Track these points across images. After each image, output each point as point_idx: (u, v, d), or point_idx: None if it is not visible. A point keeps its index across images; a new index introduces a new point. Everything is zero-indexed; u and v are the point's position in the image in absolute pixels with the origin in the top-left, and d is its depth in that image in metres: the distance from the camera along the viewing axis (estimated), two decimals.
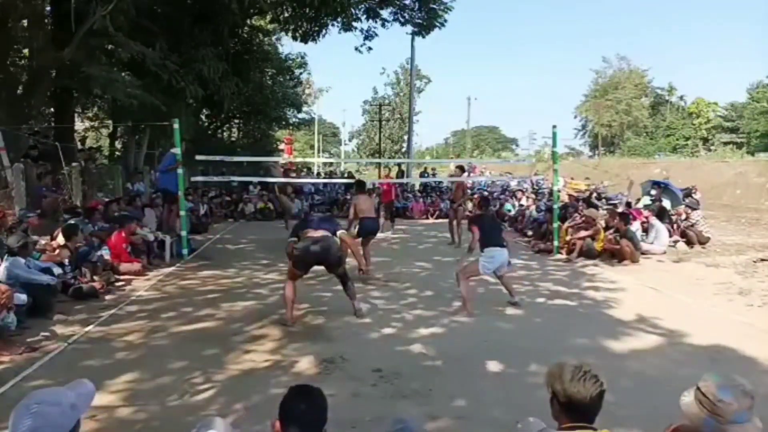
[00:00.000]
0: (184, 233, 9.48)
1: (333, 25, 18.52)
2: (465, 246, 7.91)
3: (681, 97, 50.80)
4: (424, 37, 19.79)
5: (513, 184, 19.28)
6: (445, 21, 18.85)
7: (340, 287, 7.03)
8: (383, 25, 18.86)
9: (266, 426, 1.89)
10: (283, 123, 31.01)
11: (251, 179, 17.28)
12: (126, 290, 7.06)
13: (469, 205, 17.87)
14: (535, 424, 2.11)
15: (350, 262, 8.33)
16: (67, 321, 5.55)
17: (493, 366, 4.34)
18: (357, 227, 8.14)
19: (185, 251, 9.43)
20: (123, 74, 13.74)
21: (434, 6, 18.36)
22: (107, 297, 6.63)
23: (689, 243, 10.35)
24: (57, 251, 6.72)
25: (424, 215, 17.82)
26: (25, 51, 13.99)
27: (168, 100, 13.67)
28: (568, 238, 9.92)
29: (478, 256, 6.14)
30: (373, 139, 47.18)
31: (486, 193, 7.31)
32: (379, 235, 13.07)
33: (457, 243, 11.11)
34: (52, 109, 14.81)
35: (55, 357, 4.52)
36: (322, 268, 5.91)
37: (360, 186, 8.91)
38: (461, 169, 13.67)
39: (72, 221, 7.60)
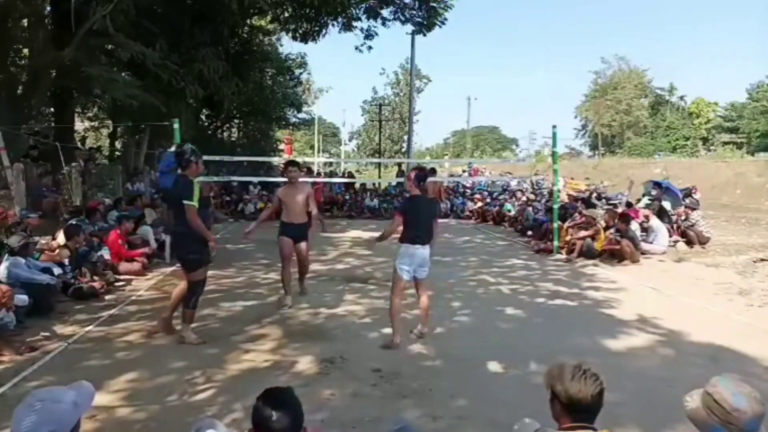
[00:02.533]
0: None
1: (333, 25, 18.53)
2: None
3: (681, 97, 50.87)
4: (425, 35, 19.79)
5: (513, 184, 19.28)
6: (446, 19, 18.88)
7: (340, 287, 7.06)
8: (384, 24, 18.89)
9: None
10: (283, 123, 31.03)
11: (251, 179, 17.28)
12: (126, 290, 7.06)
13: (470, 204, 17.99)
14: (531, 425, 2.11)
15: (356, 267, 8.35)
16: (67, 321, 5.55)
17: (493, 366, 4.34)
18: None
19: None
20: (123, 74, 13.74)
21: (434, 4, 18.38)
22: (107, 297, 6.62)
23: (689, 243, 10.35)
24: (57, 251, 6.72)
25: None
26: (25, 51, 13.99)
27: (168, 100, 13.67)
28: (568, 238, 9.93)
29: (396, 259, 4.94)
30: (373, 139, 47.18)
31: (427, 168, 7.17)
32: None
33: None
34: (52, 109, 14.81)
35: (55, 357, 4.52)
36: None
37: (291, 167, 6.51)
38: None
39: (73, 221, 7.60)
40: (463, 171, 25.90)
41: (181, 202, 4.75)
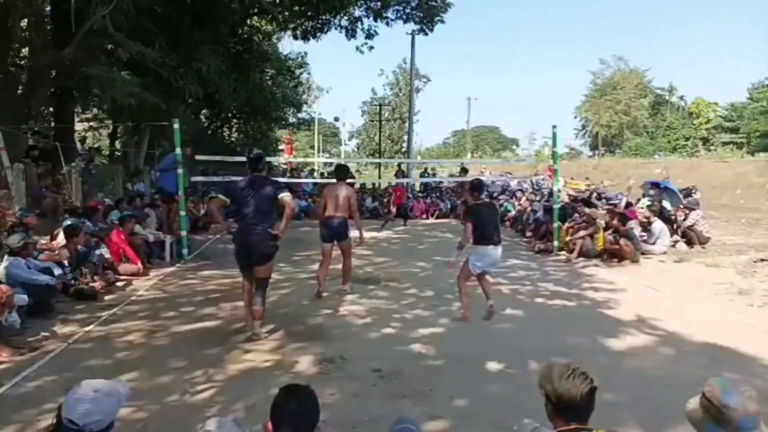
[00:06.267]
0: (184, 233, 9.49)
1: (336, 28, 18.61)
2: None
3: (681, 97, 50.88)
4: (427, 34, 19.82)
5: (513, 184, 19.27)
6: (446, 10, 18.89)
7: (341, 287, 7.06)
8: (387, 24, 18.90)
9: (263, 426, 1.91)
10: (283, 123, 31.02)
11: None
12: (126, 290, 7.06)
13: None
14: (529, 425, 2.12)
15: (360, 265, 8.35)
16: (67, 321, 5.56)
17: (493, 366, 4.34)
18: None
19: (185, 251, 9.44)
20: (123, 73, 13.72)
21: (434, 2, 18.41)
22: (107, 297, 6.63)
23: (689, 243, 10.34)
24: (57, 251, 6.72)
25: (424, 215, 17.83)
26: (25, 51, 13.99)
27: (167, 99, 13.65)
28: (568, 238, 9.93)
29: (468, 254, 5.67)
30: (373, 139, 47.17)
31: (481, 179, 6.74)
32: (384, 234, 13.19)
33: None
34: (51, 109, 14.80)
35: (55, 357, 4.53)
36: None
37: (336, 174, 7.38)
38: (465, 170, 14.30)
39: (72, 221, 7.59)
40: (462, 170, 25.81)
41: (271, 200, 4.95)
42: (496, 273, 8.28)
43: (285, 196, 4.98)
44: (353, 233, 6.87)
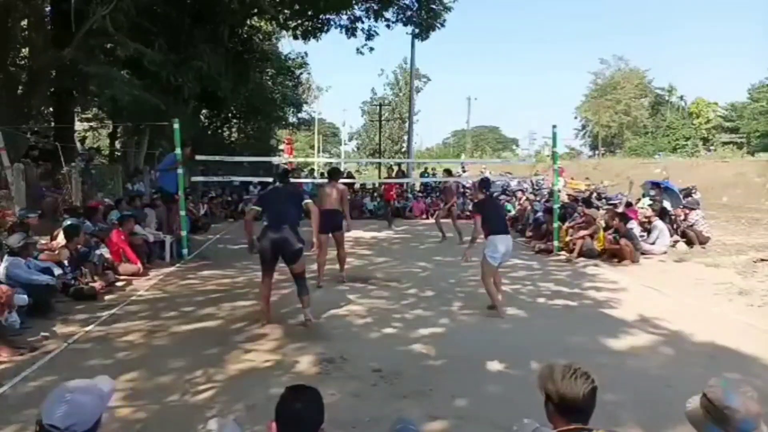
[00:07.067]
0: (184, 233, 9.49)
1: (336, 26, 18.57)
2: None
3: (681, 97, 50.87)
4: (423, 40, 19.77)
5: (513, 184, 19.27)
6: (444, 21, 18.86)
7: (341, 287, 7.09)
8: (388, 27, 18.87)
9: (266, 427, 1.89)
10: (283, 123, 31.02)
11: (251, 179, 17.27)
12: (126, 290, 7.06)
13: (470, 204, 17.99)
14: (530, 425, 2.11)
15: (354, 262, 8.38)
16: (67, 321, 5.55)
17: (493, 366, 4.33)
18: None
19: (185, 251, 9.44)
20: (122, 72, 13.70)
21: (434, 6, 18.37)
22: (107, 297, 6.62)
23: (689, 243, 10.35)
24: (57, 251, 6.72)
25: (424, 215, 17.82)
26: (25, 51, 13.98)
27: (167, 98, 13.65)
28: (568, 238, 9.93)
29: (483, 250, 5.89)
30: (373, 139, 47.16)
31: (488, 177, 7.53)
32: (381, 234, 13.25)
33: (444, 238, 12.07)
34: (51, 109, 14.80)
35: (55, 357, 4.52)
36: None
37: (329, 174, 7.93)
38: (449, 172, 14.72)
39: (72, 221, 7.59)
40: (463, 170, 25.84)
41: (296, 206, 5.63)
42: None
43: (308, 202, 5.76)
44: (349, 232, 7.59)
